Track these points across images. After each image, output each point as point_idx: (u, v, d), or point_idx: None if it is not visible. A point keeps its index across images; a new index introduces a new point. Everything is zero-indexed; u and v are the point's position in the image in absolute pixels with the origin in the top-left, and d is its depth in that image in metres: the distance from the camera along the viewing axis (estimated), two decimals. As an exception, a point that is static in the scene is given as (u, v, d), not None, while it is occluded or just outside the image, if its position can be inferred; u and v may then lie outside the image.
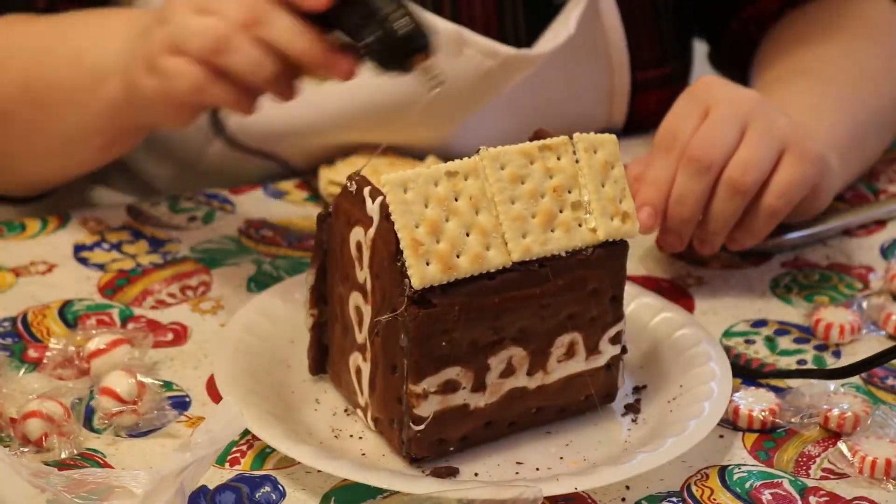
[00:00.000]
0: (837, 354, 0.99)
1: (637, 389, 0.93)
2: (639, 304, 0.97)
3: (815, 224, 1.13)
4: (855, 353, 0.99)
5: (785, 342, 1.00)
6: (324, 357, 0.92)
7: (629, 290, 0.91)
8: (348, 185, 0.85)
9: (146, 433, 0.89)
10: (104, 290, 1.03)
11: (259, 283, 1.05)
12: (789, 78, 1.16)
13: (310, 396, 0.91)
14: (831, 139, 1.08)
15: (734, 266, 1.09)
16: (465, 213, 0.81)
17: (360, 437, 0.88)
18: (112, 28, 1.06)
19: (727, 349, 0.99)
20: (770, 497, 0.85)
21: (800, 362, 0.98)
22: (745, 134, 1.00)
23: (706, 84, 1.04)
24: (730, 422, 0.90)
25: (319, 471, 0.83)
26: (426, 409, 0.83)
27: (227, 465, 0.86)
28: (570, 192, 0.84)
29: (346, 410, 0.90)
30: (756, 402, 0.91)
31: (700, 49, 1.38)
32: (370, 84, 1.00)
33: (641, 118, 1.28)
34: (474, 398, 0.85)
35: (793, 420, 0.91)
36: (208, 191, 1.18)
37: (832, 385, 0.94)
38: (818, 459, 0.88)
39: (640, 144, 1.28)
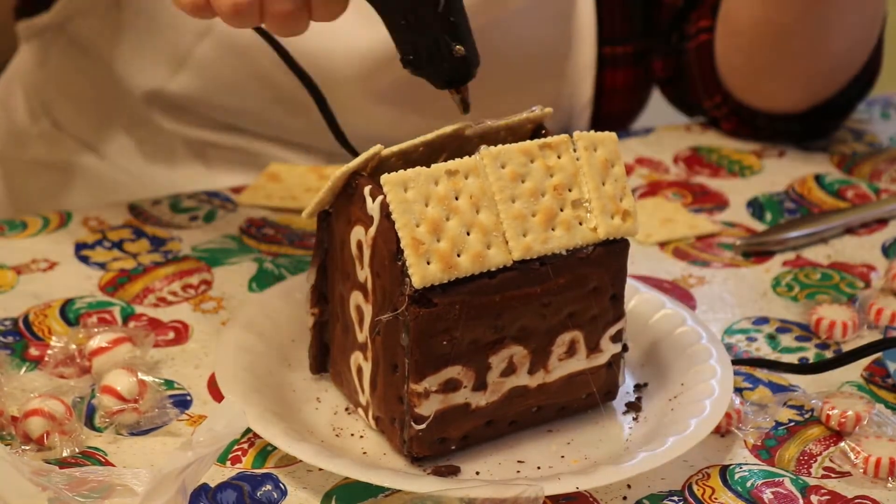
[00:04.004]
0: (839, 353, 0.99)
1: (638, 387, 0.93)
2: (639, 302, 0.97)
3: (816, 223, 1.14)
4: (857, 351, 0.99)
5: (786, 340, 1.00)
6: (325, 356, 0.92)
7: (629, 287, 0.91)
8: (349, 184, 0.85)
9: (147, 431, 0.89)
10: (105, 287, 1.04)
11: (260, 281, 1.05)
12: None
13: (311, 395, 0.92)
14: None
15: (736, 265, 1.10)
16: (465, 211, 0.81)
17: (362, 436, 0.88)
18: None
19: (728, 347, 0.99)
20: (771, 496, 0.85)
21: (801, 360, 0.98)
22: None
23: None
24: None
25: (321, 469, 0.83)
26: (427, 408, 0.83)
27: (228, 463, 0.86)
28: (570, 190, 0.84)
29: (346, 409, 0.90)
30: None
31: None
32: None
33: (608, 95, 1.29)
34: (475, 397, 0.85)
35: (794, 418, 0.91)
36: (209, 190, 1.18)
37: (833, 385, 0.94)
38: (819, 458, 0.88)
39: (639, 144, 1.28)
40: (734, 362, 0.94)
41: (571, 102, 1.30)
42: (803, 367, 0.96)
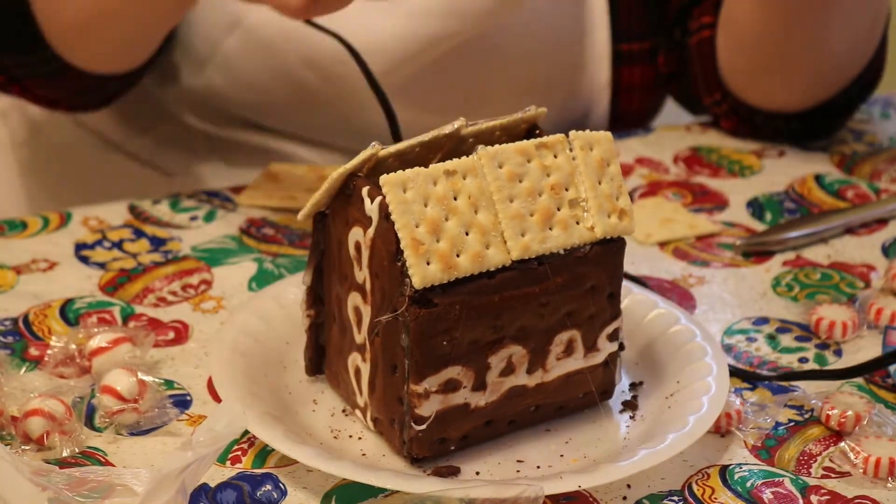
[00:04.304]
0: (839, 353, 0.99)
1: (634, 386, 0.93)
2: (632, 301, 0.97)
3: (816, 223, 1.14)
4: (857, 350, 0.99)
5: (786, 340, 1.00)
6: (320, 358, 0.92)
7: (622, 287, 0.91)
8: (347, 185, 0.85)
9: (147, 431, 0.89)
10: (105, 287, 1.04)
11: (260, 281, 1.05)
12: None
13: (307, 397, 0.91)
14: None
15: (736, 265, 1.10)
16: (464, 212, 0.81)
17: (360, 438, 0.88)
18: None
19: (728, 347, 0.99)
20: (771, 496, 0.85)
21: (801, 360, 0.98)
22: None
23: None
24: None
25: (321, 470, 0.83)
26: (428, 408, 0.83)
27: (228, 463, 0.86)
28: (567, 189, 0.84)
29: (343, 411, 0.90)
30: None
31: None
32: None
33: (625, 92, 1.29)
34: (475, 397, 0.85)
35: (794, 418, 0.91)
36: (209, 189, 1.18)
37: (833, 386, 0.94)
38: (819, 458, 0.88)
39: (639, 144, 1.28)
40: (756, 377, 0.94)
41: (591, 92, 1.30)
42: (813, 374, 0.95)
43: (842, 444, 0.89)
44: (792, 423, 0.91)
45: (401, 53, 1.20)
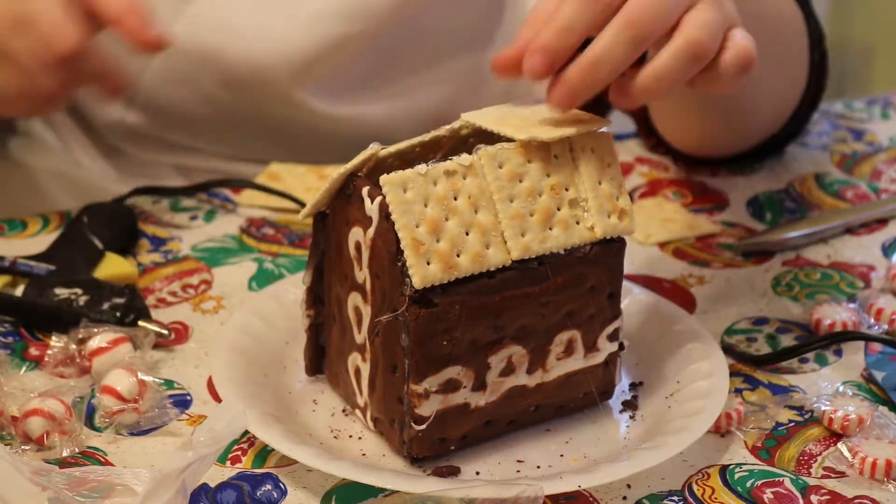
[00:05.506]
0: (839, 353, 0.99)
1: (634, 386, 0.93)
2: (632, 301, 0.97)
3: (816, 223, 1.14)
4: (857, 350, 0.99)
5: (786, 340, 1.00)
6: (320, 358, 0.92)
7: (622, 287, 0.91)
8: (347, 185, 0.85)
9: (147, 431, 0.89)
10: (105, 288, 1.04)
11: (260, 281, 1.05)
12: None
13: (307, 397, 0.91)
14: None
15: (736, 265, 1.10)
16: (464, 212, 0.81)
17: (360, 438, 0.88)
18: None
19: (729, 347, 0.99)
20: (771, 496, 0.85)
21: (801, 360, 0.98)
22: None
23: None
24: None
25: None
26: (428, 408, 0.83)
27: (228, 463, 0.86)
28: (567, 189, 0.84)
29: (343, 411, 0.90)
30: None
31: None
32: None
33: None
34: (475, 397, 0.85)
35: (794, 418, 0.91)
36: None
37: (832, 386, 0.94)
38: (819, 458, 0.88)
39: (639, 145, 1.28)
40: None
41: (528, 89, 1.29)
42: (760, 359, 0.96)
43: (839, 445, 0.89)
44: (792, 424, 0.91)
45: (305, 57, 1.20)
